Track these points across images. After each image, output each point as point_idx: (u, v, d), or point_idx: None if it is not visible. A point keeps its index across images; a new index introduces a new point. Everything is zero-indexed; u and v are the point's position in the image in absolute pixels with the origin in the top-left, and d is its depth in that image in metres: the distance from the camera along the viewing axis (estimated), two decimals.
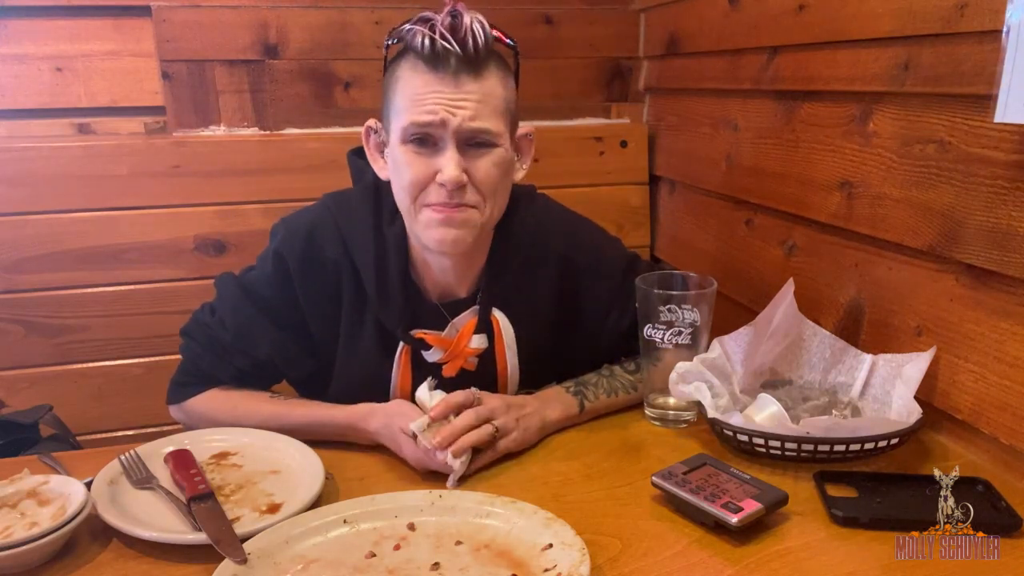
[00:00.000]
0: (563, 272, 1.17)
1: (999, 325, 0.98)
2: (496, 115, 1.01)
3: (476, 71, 0.99)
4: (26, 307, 1.61)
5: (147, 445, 1.03)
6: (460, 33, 0.97)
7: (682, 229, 1.84)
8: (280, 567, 0.79)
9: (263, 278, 1.13)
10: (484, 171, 1.01)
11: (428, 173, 1.00)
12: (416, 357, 1.12)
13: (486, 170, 1.01)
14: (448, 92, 0.98)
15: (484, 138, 1.00)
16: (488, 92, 0.99)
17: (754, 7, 1.44)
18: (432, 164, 1.00)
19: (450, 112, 0.98)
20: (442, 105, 0.97)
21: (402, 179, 1.02)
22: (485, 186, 1.02)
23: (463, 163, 0.99)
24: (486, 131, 1.00)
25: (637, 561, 0.82)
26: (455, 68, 0.97)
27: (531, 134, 1.10)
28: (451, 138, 0.99)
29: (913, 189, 1.10)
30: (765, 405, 1.04)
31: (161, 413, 1.20)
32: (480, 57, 0.99)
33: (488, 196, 1.03)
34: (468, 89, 0.98)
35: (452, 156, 0.99)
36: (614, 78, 1.98)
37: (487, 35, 0.99)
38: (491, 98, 1.00)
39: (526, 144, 1.11)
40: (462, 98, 0.98)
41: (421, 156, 1.00)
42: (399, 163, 1.02)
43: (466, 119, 0.98)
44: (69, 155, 1.60)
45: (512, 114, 1.05)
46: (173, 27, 1.66)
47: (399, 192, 1.05)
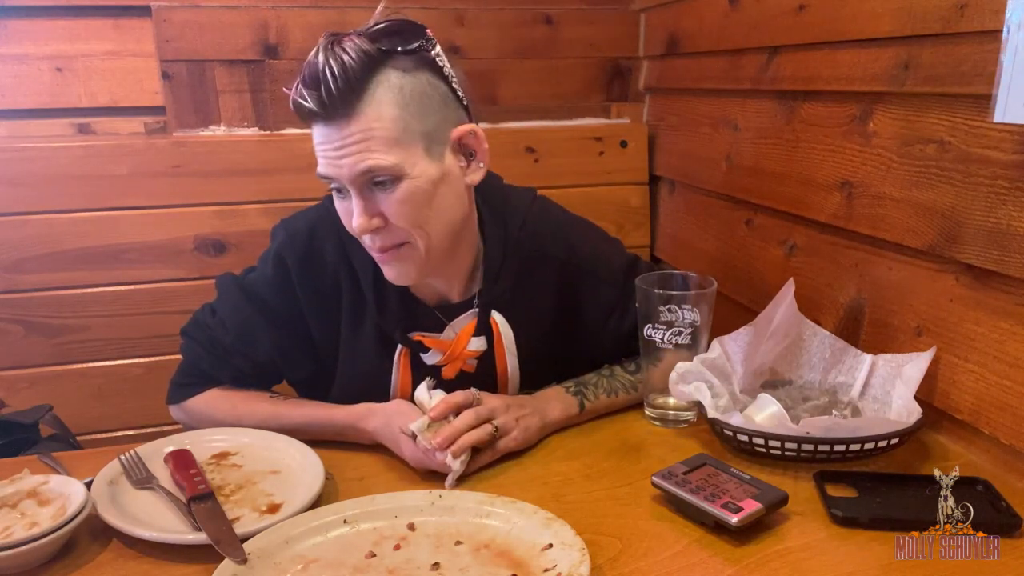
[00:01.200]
0: (563, 274, 1.17)
1: (999, 325, 0.98)
2: (387, 148, 0.93)
3: (347, 111, 0.92)
4: (26, 307, 1.61)
5: (147, 445, 1.03)
6: (319, 78, 0.91)
7: (682, 229, 1.84)
8: (280, 567, 0.79)
9: (263, 279, 1.13)
10: (393, 209, 0.96)
11: (350, 217, 0.98)
12: (415, 359, 1.12)
13: (394, 208, 0.96)
14: (331, 142, 0.93)
15: (380, 178, 0.94)
16: (369, 128, 0.92)
17: (754, 7, 1.44)
18: (351, 208, 0.97)
19: (335, 165, 0.94)
20: (328, 158, 0.94)
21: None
22: (402, 220, 0.97)
23: (371, 206, 0.96)
24: (379, 168, 0.93)
25: (637, 561, 0.82)
26: (326, 116, 0.92)
27: (474, 131, 1.00)
28: (352, 186, 0.95)
29: (913, 189, 1.10)
30: (765, 405, 1.04)
31: (161, 413, 1.21)
32: (347, 95, 0.91)
33: (413, 227, 0.98)
34: (347, 132, 0.92)
35: (355, 203, 0.96)
36: (614, 78, 1.98)
37: (350, 68, 0.90)
38: (375, 132, 0.92)
39: (472, 142, 1.01)
40: (342, 144, 0.93)
41: (342, 202, 0.99)
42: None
43: (350, 165, 0.93)
44: (69, 155, 1.60)
45: (425, 130, 0.95)
46: (173, 27, 1.66)
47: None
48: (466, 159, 1.02)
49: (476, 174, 1.03)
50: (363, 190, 0.95)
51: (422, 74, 0.96)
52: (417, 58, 0.96)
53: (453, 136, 0.99)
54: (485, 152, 1.03)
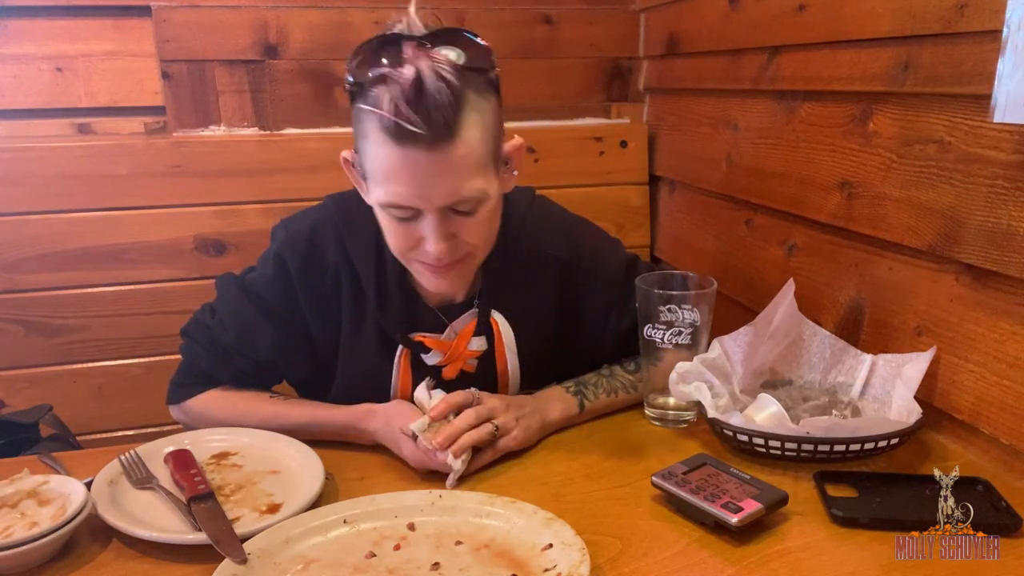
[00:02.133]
0: (562, 274, 1.17)
1: (999, 325, 0.98)
2: (477, 173, 0.91)
3: (449, 138, 0.87)
4: (26, 307, 1.61)
5: (147, 445, 1.03)
6: (424, 104, 0.84)
7: (682, 229, 1.84)
8: (280, 567, 0.79)
9: (264, 280, 1.13)
10: (472, 229, 0.96)
11: (413, 240, 0.96)
12: (416, 359, 1.12)
13: (475, 228, 0.96)
14: (422, 172, 0.88)
15: (465, 206, 0.93)
16: (464, 155, 0.89)
17: (754, 7, 1.44)
18: (414, 230, 0.94)
19: (425, 196, 0.90)
20: (417, 188, 0.89)
21: (389, 240, 0.99)
22: (474, 238, 0.97)
23: (448, 228, 0.93)
24: (469, 199, 0.92)
25: (637, 561, 0.82)
26: (427, 143, 0.86)
27: (522, 144, 1.02)
28: (431, 212, 0.92)
29: (913, 189, 1.10)
30: (765, 405, 1.04)
31: (161, 413, 1.20)
32: (452, 118, 0.86)
33: (480, 243, 0.99)
34: (441, 162, 0.88)
35: (434, 229, 0.92)
36: (614, 78, 1.98)
37: (456, 93, 0.86)
38: (469, 158, 0.90)
39: (517, 155, 1.02)
40: (436, 174, 0.89)
41: (406, 226, 0.95)
42: (384, 225, 0.98)
43: (444, 196, 0.90)
44: (69, 155, 1.60)
45: (495, 148, 0.95)
46: (173, 27, 1.66)
47: (389, 244, 1.00)
48: (505, 168, 1.01)
49: (511, 182, 1.03)
50: (443, 214, 0.92)
51: (489, 93, 0.93)
52: (485, 77, 0.92)
53: (506, 150, 0.99)
54: (521, 162, 1.03)
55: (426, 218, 0.93)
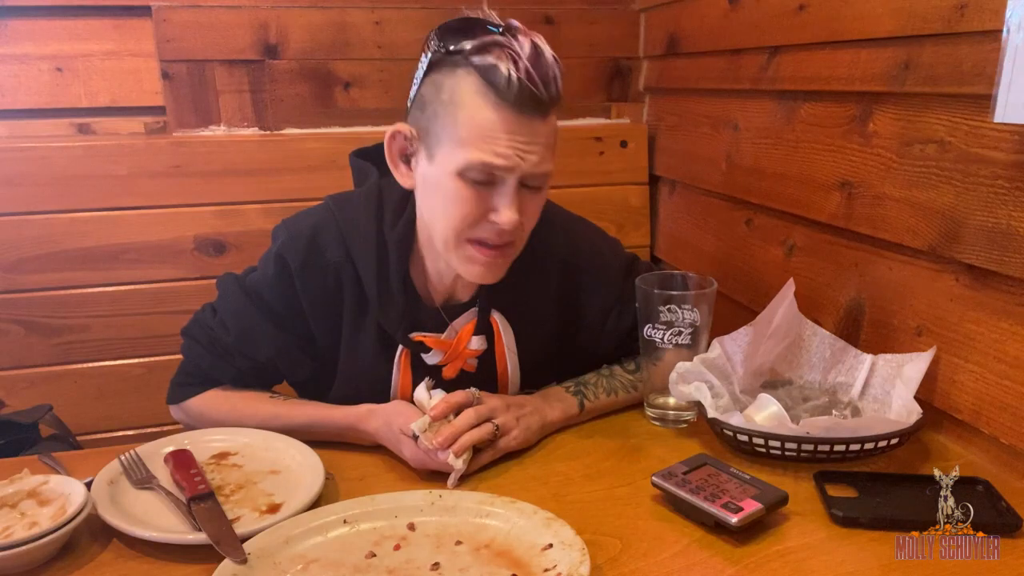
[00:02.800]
0: (562, 274, 1.17)
1: (999, 325, 0.98)
2: (552, 152, 0.99)
3: (547, 113, 0.96)
4: (26, 307, 1.61)
5: (147, 445, 1.03)
6: (546, 73, 0.92)
7: (682, 229, 1.84)
8: (280, 567, 0.79)
9: (265, 280, 1.13)
10: (534, 210, 1.01)
11: (482, 209, 0.97)
12: (416, 359, 1.12)
13: (535, 209, 1.01)
14: (523, 135, 0.94)
15: (542, 181, 0.99)
16: (553, 131, 0.98)
17: (754, 7, 1.44)
18: (486, 200, 0.97)
19: (521, 157, 0.94)
20: (516, 150, 0.94)
21: (450, 212, 0.98)
22: (531, 222, 1.02)
23: (519, 204, 0.97)
24: (547, 173, 0.98)
25: (637, 561, 0.82)
26: (533, 110, 0.93)
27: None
28: (515, 179, 0.96)
29: (913, 189, 1.10)
30: (765, 405, 1.04)
31: (161, 413, 1.20)
32: (557, 96, 0.95)
33: (529, 227, 1.03)
34: (538, 131, 0.95)
35: (513, 199, 0.96)
36: (614, 78, 1.98)
37: (561, 72, 0.95)
38: (553, 136, 0.98)
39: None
40: (533, 142, 0.95)
41: (479, 193, 0.96)
42: (447, 193, 0.97)
43: (534, 164, 0.95)
44: (69, 155, 1.60)
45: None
46: (173, 27, 1.66)
47: (440, 219, 1.00)
48: None
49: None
50: (519, 187, 0.97)
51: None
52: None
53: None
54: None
55: (504, 186, 0.96)
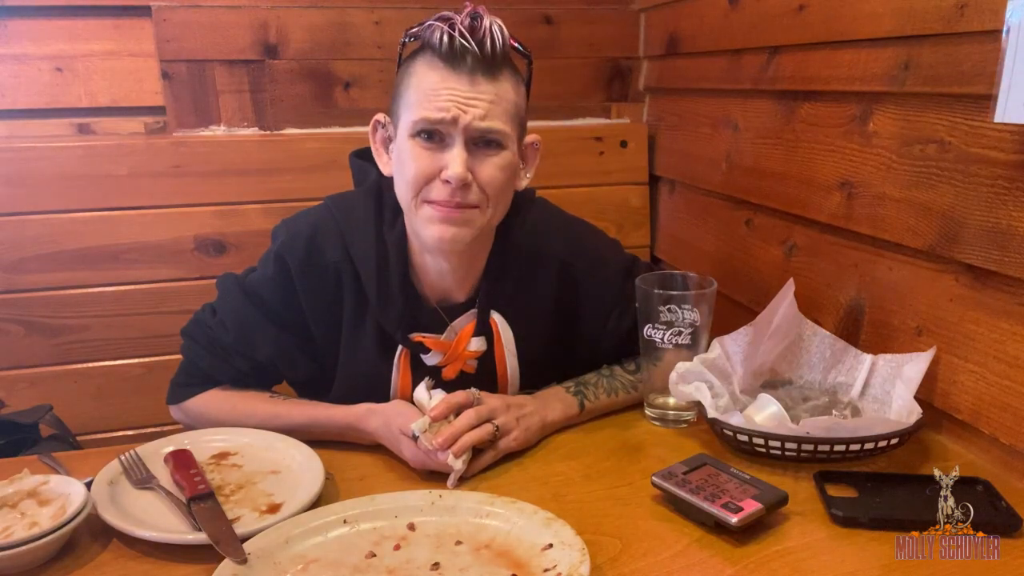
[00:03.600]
0: (562, 275, 1.17)
1: (999, 325, 0.98)
2: (507, 118, 1.00)
3: (491, 73, 0.99)
4: (26, 307, 1.61)
5: (147, 445, 1.03)
6: (479, 34, 0.97)
7: (682, 229, 1.84)
8: (280, 567, 0.79)
9: (265, 280, 1.13)
10: (489, 172, 1.01)
11: (433, 168, 0.99)
12: (416, 359, 1.12)
13: (491, 172, 1.01)
14: (462, 90, 0.97)
15: (493, 138, 1.00)
16: (501, 94, 0.99)
17: (754, 7, 1.44)
18: (438, 160, 0.99)
19: (461, 109, 0.97)
20: (454, 102, 0.97)
21: (406, 173, 1.01)
22: (489, 187, 1.01)
23: (469, 162, 0.99)
24: (496, 131, 0.99)
25: (637, 561, 0.82)
26: (471, 67, 0.98)
27: (538, 143, 1.10)
28: (460, 135, 0.98)
29: (913, 189, 1.10)
30: (765, 405, 1.04)
31: (161, 413, 1.20)
32: (496, 60, 0.99)
33: (491, 197, 1.02)
34: (482, 89, 0.98)
35: (459, 154, 0.98)
36: (614, 78, 1.97)
37: (505, 39, 0.99)
38: (503, 100, 1.00)
39: (532, 153, 1.10)
40: (475, 97, 0.98)
41: (428, 151, 0.99)
42: (404, 156, 1.01)
43: (477, 117, 0.97)
44: (69, 155, 1.60)
45: (522, 121, 1.05)
46: (173, 27, 1.66)
47: (401, 186, 1.04)
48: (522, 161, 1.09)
49: (523, 181, 1.10)
50: (468, 144, 0.99)
51: (522, 83, 1.06)
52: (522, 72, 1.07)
53: (527, 140, 1.09)
54: (534, 166, 1.12)
55: (453, 144, 0.99)
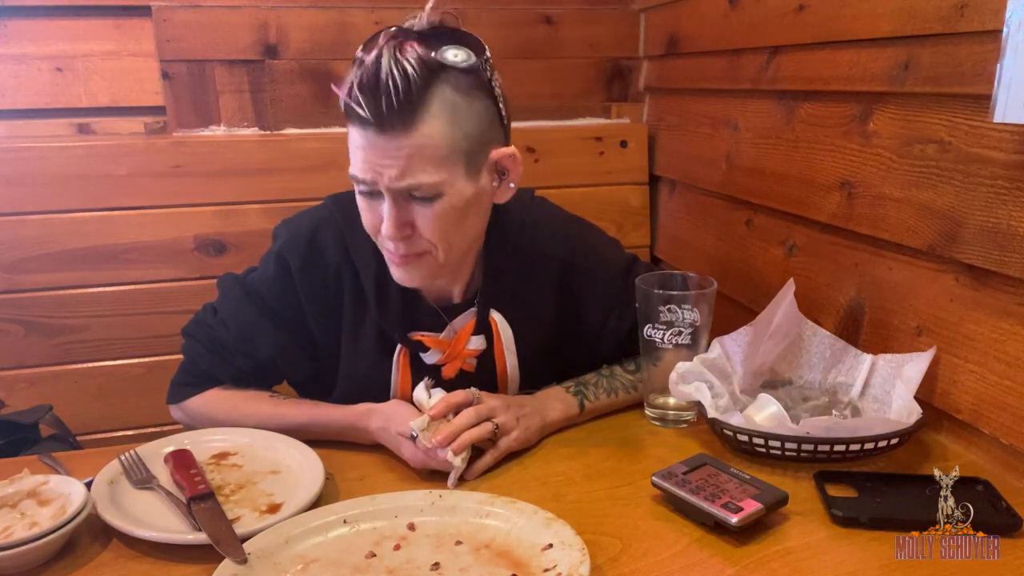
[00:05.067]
0: (562, 274, 1.17)
1: (999, 325, 0.98)
2: (433, 165, 0.92)
3: (404, 124, 0.90)
4: (26, 307, 1.61)
5: (147, 445, 1.03)
6: (376, 91, 0.88)
7: (682, 229, 1.84)
8: (280, 567, 0.79)
9: (265, 280, 1.13)
10: (427, 222, 0.96)
11: (376, 221, 0.98)
12: (415, 358, 1.12)
13: (431, 221, 0.96)
14: (375, 151, 0.92)
15: (419, 193, 0.94)
16: (420, 144, 0.91)
17: (754, 7, 1.44)
18: (378, 212, 0.97)
19: (377, 172, 0.93)
20: (369, 164, 0.93)
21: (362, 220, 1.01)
22: (433, 234, 0.97)
23: (404, 215, 0.95)
24: (416, 187, 0.93)
25: (637, 561, 0.82)
26: (378, 124, 0.90)
27: (514, 155, 1.01)
28: (386, 193, 0.94)
29: (913, 189, 1.10)
30: (765, 405, 1.04)
31: (161, 413, 1.20)
32: (407, 109, 0.89)
33: (439, 241, 0.98)
34: (397, 145, 0.91)
35: (388, 211, 0.95)
36: (614, 78, 1.98)
37: (413, 82, 0.88)
38: (425, 149, 0.91)
39: (509, 163, 1.02)
40: (388, 156, 0.91)
41: (370, 203, 0.98)
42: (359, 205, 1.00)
43: (392, 178, 0.92)
44: (69, 155, 1.60)
45: (470, 149, 0.95)
46: (173, 27, 1.66)
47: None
48: (499, 178, 1.03)
49: (506, 193, 1.04)
50: (397, 199, 0.95)
51: (475, 95, 0.95)
52: (474, 78, 0.94)
53: (492, 157, 0.99)
54: (519, 174, 1.03)
55: (383, 199, 0.95)
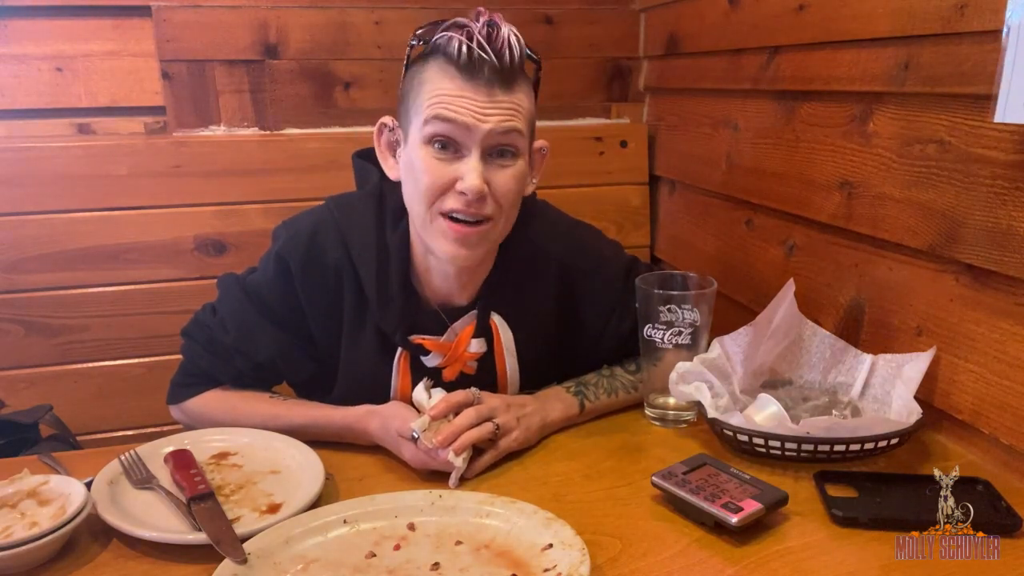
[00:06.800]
0: (562, 277, 1.17)
1: (999, 325, 0.98)
2: (522, 129, 1.00)
3: (508, 83, 0.97)
4: (26, 307, 1.61)
5: (147, 445, 1.03)
6: (497, 44, 0.96)
7: (682, 229, 1.84)
8: (280, 567, 0.79)
9: (265, 280, 1.13)
10: (504, 183, 0.99)
11: (447, 179, 0.98)
12: (416, 361, 1.12)
13: (506, 182, 0.99)
14: (480, 100, 0.96)
15: (509, 147, 0.99)
16: (518, 104, 0.99)
17: (754, 7, 1.44)
18: (453, 171, 0.98)
19: (478, 119, 0.96)
20: (471, 111, 0.96)
21: (419, 183, 0.99)
22: (504, 198, 1.00)
23: (485, 173, 0.97)
24: (514, 139, 0.99)
25: (637, 561, 0.82)
26: (488, 78, 0.96)
27: (546, 148, 1.10)
28: (476, 146, 0.97)
29: (913, 189, 1.10)
30: (765, 405, 1.04)
31: (161, 413, 1.20)
32: (513, 70, 0.98)
33: (505, 208, 1.01)
34: (499, 99, 0.97)
35: (475, 165, 0.97)
36: (614, 78, 1.98)
37: (522, 48, 0.98)
38: (521, 109, 0.99)
39: (539, 159, 1.10)
40: (492, 106, 0.96)
41: (442, 161, 0.98)
42: (416, 165, 0.99)
43: (497, 122, 0.96)
44: (69, 155, 1.60)
45: (533, 129, 1.05)
46: (173, 27, 1.66)
47: (414, 195, 1.02)
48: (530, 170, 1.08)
49: (530, 187, 1.09)
50: (483, 154, 0.98)
51: (532, 90, 1.05)
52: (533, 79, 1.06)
53: (536, 145, 1.08)
54: (541, 172, 1.11)
55: (468, 155, 0.98)
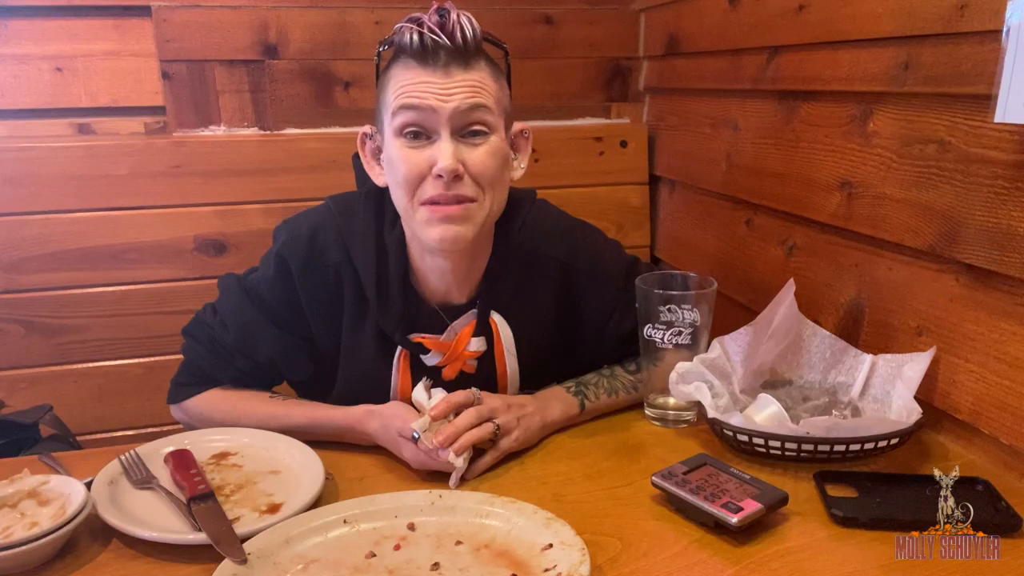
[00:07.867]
0: (562, 276, 1.17)
1: (999, 325, 0.98)
2: (489, 106, 1.00)
3: (465, 62, 0.99)
4: (26, 307, 1.61)
5: (147, 445, 1.03)
6: (448, 27, 0.98)
7: (682, 229, 1.84)
8: (280, 567, 0.79)
9: (265, 280, 1.13)
10: (479, 160, 1.00)
11: (423, 165, 0.99)
12: (415, 360, 1.12)
13: (481, 159, 1.00)
14: (439, 81, 0.97)
15: (478, 123, 0.99)
16: (479, 81, 0.99)
17: (754, 7, 1.44)
18: (427, 156, 0.99)
19: (441, 100, 0.97)
20: (432, 94, 0.97)
21: (397, 175, 1.01)
22: (482, 177, 1.00)
23: (458, 153, 0.98)
24: (480, 114, 0.99)
25: (637, 561, 0.82)
26: (444, 61, 0.98)
27: (527, 131, 1.10)
28: (444, 126, 0.98)
29: (913, 189, 1.10)
30: (765, 405, 1.04)
31: (161, 413, 1.21)
32: (469, 50, 0.99)
33: (486, 187, 1.01)
34: (458, 79, 0.98)
35: (446, 146, 0.97)
36: (614, 78, 1.97)
37: (475, 30, 0.99)
38: (483, 87, 1.00)
39: (522, 142, 1.10)
40: (453, 85, 0.98)
41: (415, 149, 0.99)
42: (394, 159, 1.01)
43: (460, 100, 0.97)
44: (69, 155, 1.60)
45: (505, 111, 1.05)
46: (173, 27, 1.66)
47: (395, 190, 1.03)
48: (513, 154, 1.09)
49: (516, 172, 1.10)
50: (454, 135, 0.99)
51: (502, 73, 1.06)
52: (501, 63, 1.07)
53: (515, 128, 1.09)
54: (527, 156, 1.11)
55: (439, 138, 0.99)
